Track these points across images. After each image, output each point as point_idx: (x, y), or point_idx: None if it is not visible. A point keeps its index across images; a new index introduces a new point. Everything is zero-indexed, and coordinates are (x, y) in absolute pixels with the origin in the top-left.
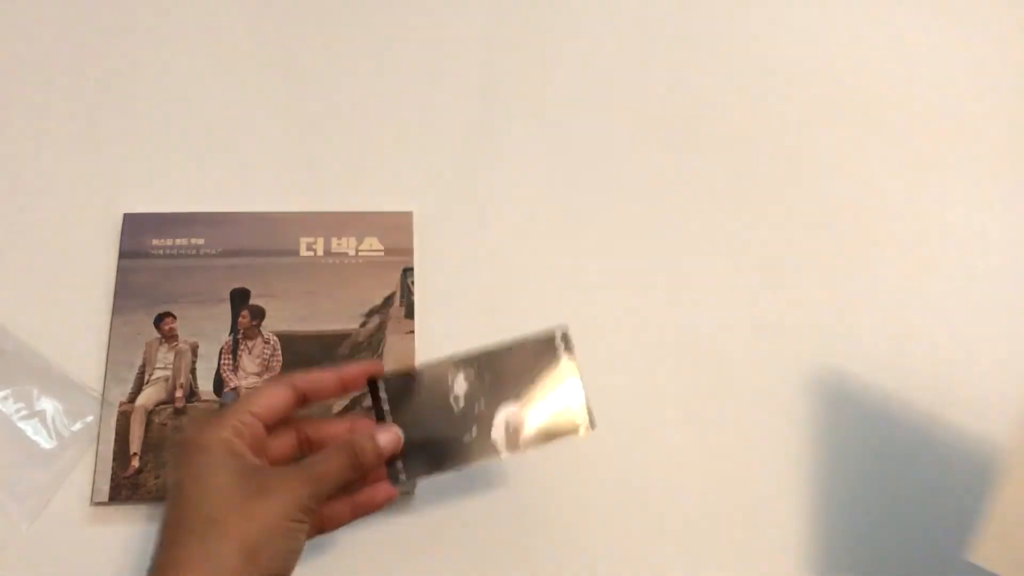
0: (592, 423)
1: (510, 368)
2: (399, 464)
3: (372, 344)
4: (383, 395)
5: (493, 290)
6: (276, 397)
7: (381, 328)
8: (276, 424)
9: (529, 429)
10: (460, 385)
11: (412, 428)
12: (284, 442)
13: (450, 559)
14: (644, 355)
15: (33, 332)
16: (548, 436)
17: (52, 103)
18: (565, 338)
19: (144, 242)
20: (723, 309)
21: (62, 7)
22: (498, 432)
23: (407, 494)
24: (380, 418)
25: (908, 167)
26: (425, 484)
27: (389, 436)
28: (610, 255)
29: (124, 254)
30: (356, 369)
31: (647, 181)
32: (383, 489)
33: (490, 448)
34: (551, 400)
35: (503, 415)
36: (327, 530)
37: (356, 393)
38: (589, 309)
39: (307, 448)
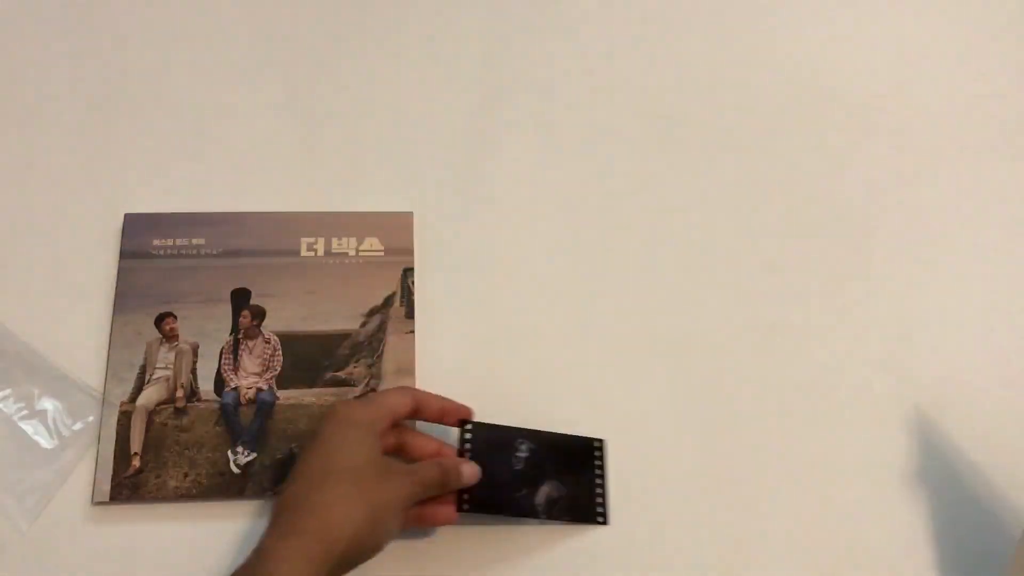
0: (606, 520)
1: (560, 453)
2: (465, 496)
3: (372, 344)
4: (468, 436)
5: (493, 290)
6: (404, 402)
7: (381, 328)
8: (396, 423)
9: (563, 506)
10: (523, 451)
11: (482, 470)
12: (389, 440)
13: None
14: (642, 351)
15: (34, 332)
16: (575, 517)
17: (53, 104)
18: (601, 448)
19: (145, 242)
20: (723, 310)
21: (63, 7)
22: (540, 499)
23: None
24: (460, 454)
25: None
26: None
27: (472, 470)
28: (610, 253)
29: (125, 254)
30: (456, 408)
31: (648, 180)
32: (446, 511)
33: (533, 509)
34: (582, 490)
35: (547, 487)
36: None
37: (447, 424)
38: (589, 308)
39: (402, 452)
